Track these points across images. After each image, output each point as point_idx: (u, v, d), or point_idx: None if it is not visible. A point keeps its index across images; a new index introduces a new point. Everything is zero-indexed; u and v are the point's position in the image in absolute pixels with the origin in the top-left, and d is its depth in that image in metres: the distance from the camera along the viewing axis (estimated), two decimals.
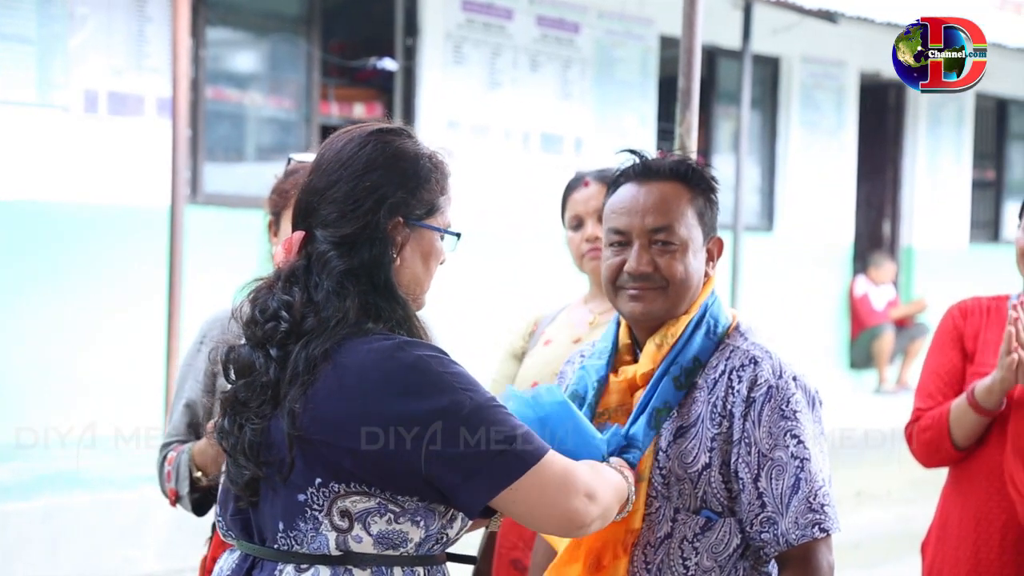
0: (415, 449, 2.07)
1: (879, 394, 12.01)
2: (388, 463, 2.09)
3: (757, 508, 2.42)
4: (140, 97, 7.83)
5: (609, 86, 10.28)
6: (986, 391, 3.35)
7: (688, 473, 2.44)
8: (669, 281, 2.47)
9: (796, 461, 2.40)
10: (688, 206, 2.49)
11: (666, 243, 2.48)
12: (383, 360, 2.10)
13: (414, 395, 2.08)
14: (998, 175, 14.28)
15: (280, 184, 3.16)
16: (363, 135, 2.27)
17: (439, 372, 2.10)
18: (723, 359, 2.48)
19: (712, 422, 2.44)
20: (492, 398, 2.13)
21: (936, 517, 3.59)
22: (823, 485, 2.42)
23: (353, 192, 2.19)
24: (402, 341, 2.12)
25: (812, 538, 2.39)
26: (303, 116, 8.90)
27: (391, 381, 2.09)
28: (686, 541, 2.45)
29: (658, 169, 2.53)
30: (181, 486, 3.13)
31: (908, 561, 2.60)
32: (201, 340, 3.21)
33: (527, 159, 9.70)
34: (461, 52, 9.39)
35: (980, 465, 3.45)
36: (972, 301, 3.60)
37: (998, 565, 3.41)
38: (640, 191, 2.51)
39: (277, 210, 3.16)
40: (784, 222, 11.92)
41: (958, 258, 13.39)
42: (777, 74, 11.87)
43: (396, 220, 2.20)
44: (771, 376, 2.44)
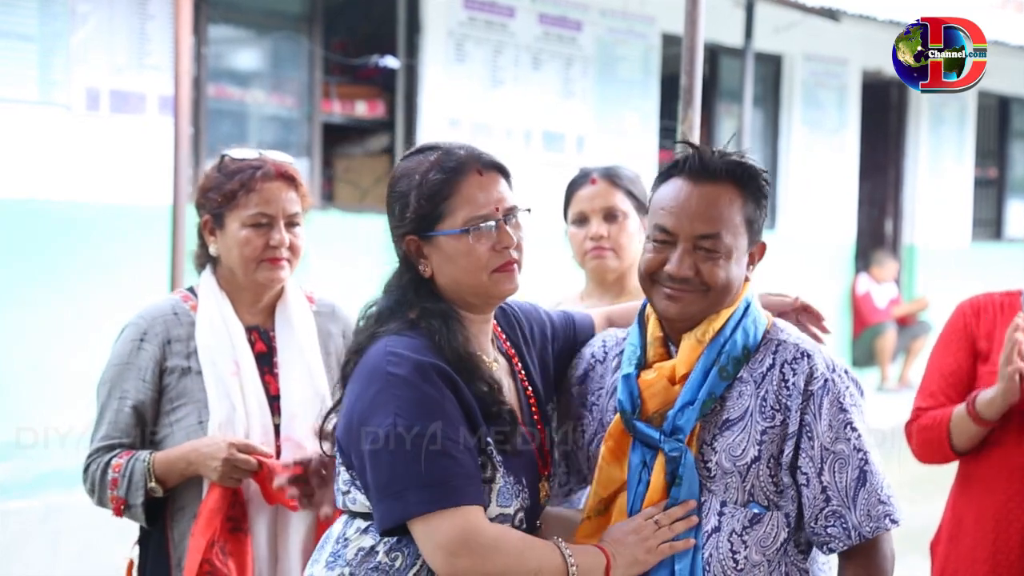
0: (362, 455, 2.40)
1: (881, 392, 12.00)
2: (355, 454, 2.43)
3: (822, 502, 2.41)
4: (142, 95, 7.83)
5: (611, 84, 10.27)
6: (987, 403, 3.31)
7: (737, 466, 2.42)
8: (710, 287, 2.45)
9: (859, 454, 2.42)
10: (738, 213, 2.46)
11: (711, 250, 2.45)
12: (367, 369, 2.41)
13: (375, 409, 2.36)
14: (1000, 173, 14.27)
15: (227, 185, 3.09)
16: (393, 172, 2.58)
17: (395, 395, 2.35)
18: (769, 352, 2.47)
19: (762, 415, 2.43)
20: (422, 434, 2.32)
21: (947, 516, 3.54)
22: (885, 476, 2.44)
23: (391, 218, 2.53)
24: (391, 354, 2.38)
25: (885, 529, 2.42)
26: (305, 114, 8.90)
27: (364, 388, 2.39)
28: (735, 534, 2.43)
29: (714, 169, 2.47)
30: (133, 495, 3.03)
31: (910, 559, 2.58)
32: (141, 337, 3.12)
33: (529, 157, 9.69)
34: (463, 50, 9.38)
35: (999, 466, 3.40)
36: (984, 298, 3.53)
37: (1018, 567, 3.35)
38: (693, 192, 2.46)
39: (220, 210, 3.11)
40: (786, 220, 11.91)
41: (960, 256, 13.37)
42: (779, 72, 11.86)
43: (410, 237, 2.49)
44: (826, 369, 2.45)
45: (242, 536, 3.06)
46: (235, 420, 3.05)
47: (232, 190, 3.08)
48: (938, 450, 3.46)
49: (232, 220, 3.09)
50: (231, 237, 3.11)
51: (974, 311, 3.51)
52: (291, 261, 3.15)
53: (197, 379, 3.09)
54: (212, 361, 3.09)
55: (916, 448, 3.53)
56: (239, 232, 3.10)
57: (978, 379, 3.44)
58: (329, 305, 3.30)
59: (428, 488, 2.32)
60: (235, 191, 3.08)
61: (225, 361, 3.09)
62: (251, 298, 3.18)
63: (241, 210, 3.09)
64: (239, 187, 3.08)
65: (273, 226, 3.10)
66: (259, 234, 3.09)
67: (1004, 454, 3.39)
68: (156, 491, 3.03)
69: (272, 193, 3.10)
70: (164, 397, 3.11)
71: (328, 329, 3.25)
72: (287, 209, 3.12)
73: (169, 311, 3.18)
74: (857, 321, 12.37)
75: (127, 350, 3.12)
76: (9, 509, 5.98)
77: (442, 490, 2.32)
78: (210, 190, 3.13)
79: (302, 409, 3.10)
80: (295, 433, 3.09)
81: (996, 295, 3.52)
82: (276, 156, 3.22)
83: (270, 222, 3.09)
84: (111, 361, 3.15)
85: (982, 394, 3.33)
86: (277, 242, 3.10)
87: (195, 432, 3.07)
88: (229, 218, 3.10)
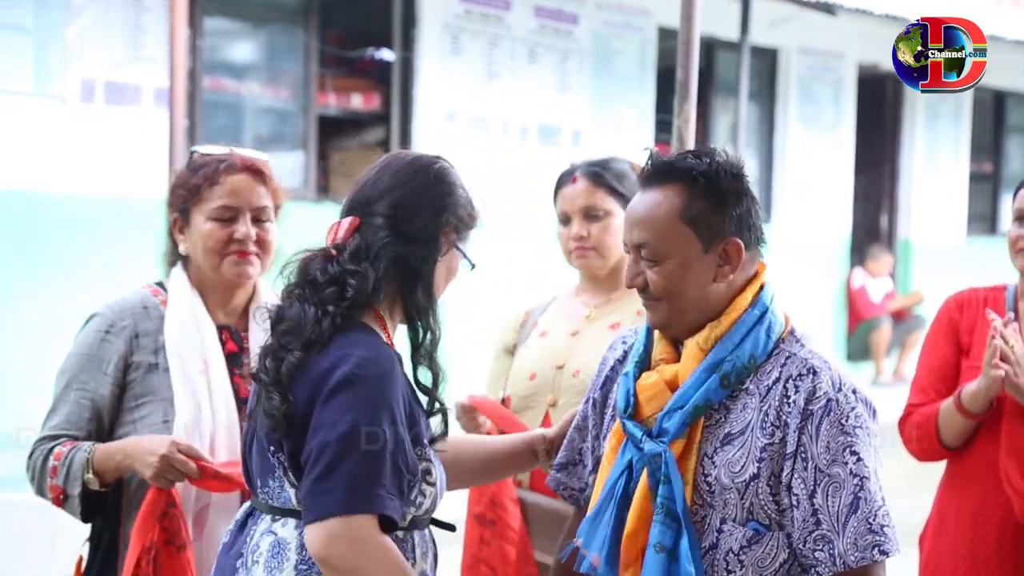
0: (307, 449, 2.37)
1: (876, 386, 12.02)
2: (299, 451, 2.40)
3: (812, 525, 2.32)
4: (137, 87, 7.82)
5: (607, 78, 10.27)
6: (972, 396, 3.35)
7: (735, 483, 2.35)
8: (659, 296, 2.41)
9: (855, 479, 2.32)
10: (676, 215, 2.38)
11: (648, 258, 2.41)
12: (331, 366, 2.36)
13: (332, 406, 2.34)
14: (996, 168, 14.28)
15: (191, 180, 3.02)
16: (430, 156, 2.59)
17: (359, 395, 2.34)
18: (778, 365, 2.39)
19: (763, 431, 2.35)
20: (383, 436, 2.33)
21: (933, 511, 3.59)
22: (883, 504, 2.34)
23: (420, 195, 2.49)
24: (359, 358, 2.35)
25: (871, 560, 2.31)
26: (301, 106, 8.89)
27: (326, 385, 2.36)
28: (731, 553, 2.36)
29: (661, 173, 2.42)
30: (72, 485, 2.90)
31: (905, 554, 2.59)
32: (107, 328, 3.00)
33: (525, 151, 9.69)
34: (459, 43, 9.37)
35: (977, 461, 3.44)
36: (969, 292, 3.58)
37: (996, 561, 3.40)
38: (639, 200, 2.44)
39: (186, 206, 3.03)
40: (782, 214, 11.91)
41: (955, 251, 13.38)
42: (775, 66, 11.86)
43: (450, 230, 2.52)
44: (831, 388, 2.35)
45: (175, 552, 2.86)
46: (201, 420, 2.92)
47: (196, 184, 3.01)
48: (929, 446, 3.49)
49: (197, 215, 3.01)
50: (196, 232, 3.02)
51: (958, 306, 3.55)
52: (260, 257, 3.02)
53: (164, 376, 2.97)
54: (180, 358, 2.97)
55: (909, 445, 3.56)
56: (203, 226, 3.00)
57: (961, 372, 3.47)
58: None
59: (356, 489, 2.32)
60: (199, 185, 3.00)
61: (193, 359, 2.97)
62: (222, 297, 3.08)
63: (205, 204, 3.00)
64: (203, 181, 3.00)
65: (238, 219, 3.00)
66: (222, 227, 2.99)
67: (983, 449, 3.42)
68: (92, 483, 2.88)
69: (236, 185, 3.01)
70: (127, 393, 2.99)
71: None
72: (253, 202, 3.01)
73: (139, 304, 3.06)
74: (852, 315, 12.38)
75: (91, 340, 2.99)
76: (7, 501, 5.97)
77: (370, 494, 2.33)
78: (178, 187, 3.05)
79: None
80: None
81: (981, 290, 3.56)
82: (247, 152, 3.12)
83: (234, 215, 3.00)
84: (73, 351, 3.01)
85: (967, 387, 3.37)
86: (242, 235, 2.99)
87: (159, 431, 2.92)
88: (194, 213, 3.01)
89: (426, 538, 2.54)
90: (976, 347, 3.45)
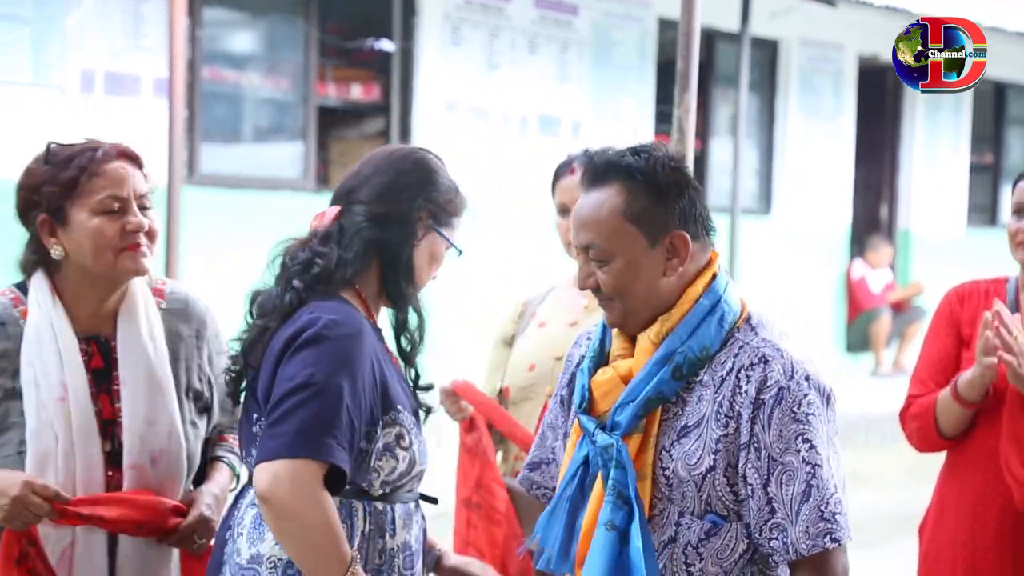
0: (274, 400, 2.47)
1: (875, 377, 12.02)
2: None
3: (767, 514, 2.32)
4: (136, 77, 7.81)
5: (607, 69, 10.26)
6: (968, 385, 3.36)
7: (692, 476, 2.35)
8: (611, 295, 2.41)
9: (807, 467, 2.30)
10: (617, 213, 2.39)
11: (596, 259, 2.41)
12: (299, 328, 2.49)
13: (295, 360, 2.46)
14: (996, 159, 14.27)
15: (62, 174, 2.71)
16: (412, 147, 2.76)
17: (321, 351, 2.45)
18: (731, 355, 2.38)
19: (717, 423, 2.34)
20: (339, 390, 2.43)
21: (933, 500, 3.60)
22: (835, 492, 2.32)
23: (395, 182, 2.62)
24: (326, 320, 2.47)
25: (823, 548, 2.30)
26: (300, 97, 8.88)
27: (293, 344, 2.48)
28: (690, 546, 2.37)
29: (599, 172, 2.44)
30: None
31: (905, 543, 2.61)
32: None
33: (525, 141, 9.68)
34: (459, 33, 9.36)
35: (977, 450, 3.45)
36: (970, 285, 3.59)
37: (995, 550, 3.41)
38: (583, 201, 2.45)
39: (60, 203, 2.71)
40: (782, 205, 11.91)
41: (955, 242, 13.38)
42: (775, 57, 11.85)
43: (423, 214, 2.63)
44: (782, 376, 2.33)
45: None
46: (58, 453, 2.66)
47: (72, 177, 2.69)
48: (928, 437, 3.50)
49: (77, 211, 2.69)
50: (79, 230, 2.70)
51: (959, 298, 3.56)
52: (149, 248, 2.78)
53: (21, 403, 2.69)
54: (35, 383, 2.67)
55: (909, 436, 3.57)
56: (89, 221, 2.70)
57: (962, 364, 3.48)
58: (182, 299, 2.89)
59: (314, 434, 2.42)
60: (76, 177, 2.69)
61: (51, 384, 2.67)
62: (94, 303, 2.77)
63: (87, 197, 2.69)
64: (79, 173, 2.69)
65: (127, 210, 2.71)
66: (112, 220, 2.70)
67: (983, 439, 3.43)
68: None
69: (118, 174, 2.72)
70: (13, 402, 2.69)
71: (178, 330, 2.84)
72: (137, 190, 2.74)
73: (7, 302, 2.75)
74: (852, 306, 12.38)
75: None
76: None
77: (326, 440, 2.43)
78: (42, 184, 2.72)
79: (149, 430, 2.72)
80: (139, 458, 2.70)
81: (982, 282, 3.57)
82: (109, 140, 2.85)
83: (123, 206, 2.71)
84: None
85: (963, 376, 3.38)
86: (135, 226, 2.71)
87: (13, 463, 2.66)
88: (73, 209, 2.70)
89: (410, 511, 2.62)
90: (977, 339, 3.46)
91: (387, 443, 2.54)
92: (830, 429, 2.36)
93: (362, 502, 2.54)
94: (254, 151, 8.97)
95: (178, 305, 2.87)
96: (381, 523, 2.55)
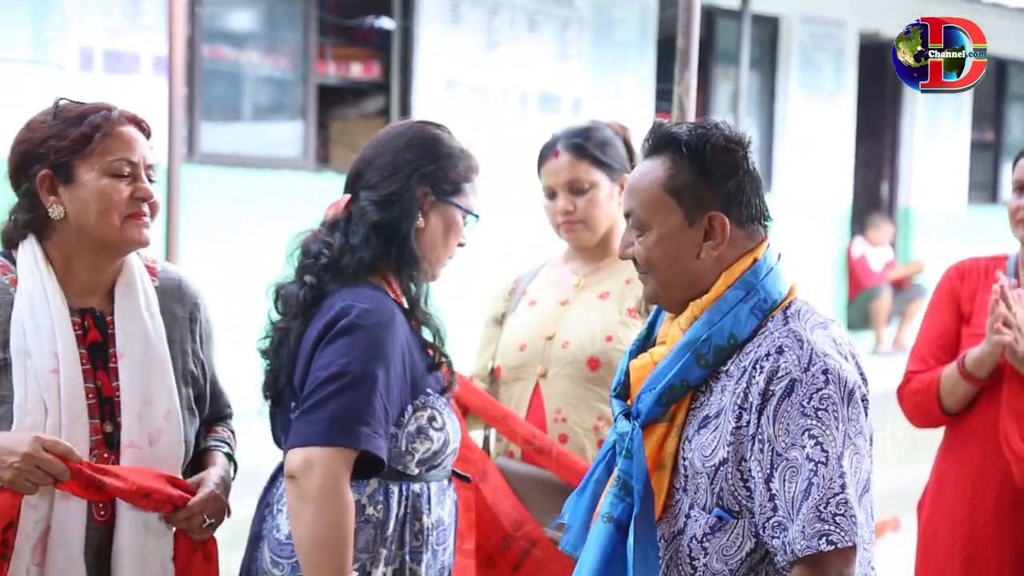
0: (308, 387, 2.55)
1: (876, 355, 12.03)
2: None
3: (769, 511, 2.22)
4: (136, 55, 7.79)
5: (607, 46, 10.24)
6: (976, 362, 3.36)
7: (705, 467, 2.27)
8: (644, 268, 2.38)
9: (811, 464, 2.18)
10: (659, 185, 2.34)
11: (634, 228, 2.38)
12: (334, 317, 2.56)
13: (330, 349, 2.53)
14: (997, 136, 14.26)
15: (73, 130, 2.56)
16: (411, 122, 2.78)
17: (355, 340, 2.53)
18: (756, 345, 2.30)
19: (733, 414, 2.26)
20: (373, 379, 2.51)
21: (932, 477, 3.61)
22: (840, 493, 2.18)
23: (393, 161, 2.66)
24: (360, 309, 2.55)
25: (816, 550, 2.16)
26: (300, 75, 8.86)
27: (328, 333, 2.55)
28: (695, 540, 2.30)
29: (655, 144, 2.39)
30: None
31: (904, 521, 2.61)
32: None
33: (525, 119, 9.67)
34: (459, 11, 9.34)
35: (975, 426, 3.46)
36: (970, 262, 3.59)
37: (994, 525, 3.42)
38: (636, 169, 2.41)
39: (67, 159, 2.56)
40: (782, 183, 11.90)
41: (956, 219, 13.38)
42: (776, 34, 11.82)
43: (425, 189, 2.65)
44: (795, 368, 2.23)
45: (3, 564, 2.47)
46: (46, 428, 2.48)
47: (84, 134, 2.55)
48: (929, 412, 3.51)
49: (87, 169, 2.54)
50: (86, 188, 2.55)
51: (959, 275, 3.57)
52: (151, 220, 2.64)
53: (7, 371, 2.51)
54: (27, 354, 2.50)
55: (908, 412, 3.57)
56: (98, 181, 2.55)
57: (962, 340, 3.49)
58: (175, 278, 2.75)
59: (347, 425, 2.51)
60: (88, 135, 2.55)
61: (43, 355, 2.50)
62: (87, 273, 2.61)
63: (98, 157, 2.55)
64: (92, 130, 2.55)
65: (137, 176, 2.57)
66: (122, 184, 2.56)
67: (982, 415, 3.44)
68: None
69: (131, 138, 2.59)
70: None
71: (172, 310, 2.69)
72: (146, 159, 2.60)
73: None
74: (852, 284, 12.38)
75: None
76: None
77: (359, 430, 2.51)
78: (48, 138, 2.57)
79: (147, 409, 2.58)
80: (137, 437, 2.56)
81: (982, 259, 3.58)
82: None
83: (133, 172, 2.57)
84: None
85: (971, 352, 3.38)
86: (144, 193, 2.57)
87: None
88: (82, 168, 2.55)
89: (444, 487, 2.70)
90: (977, 315, 3.47)
91: (420, 426, 2.61)
92: (851, 428, 2.23)
93: (398, 484, 2.60)
94: (254, 130, 8.96)
95: (171, 284, 2.72)
96: (418, 504, 2.62)
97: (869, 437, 2.29)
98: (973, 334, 3.45)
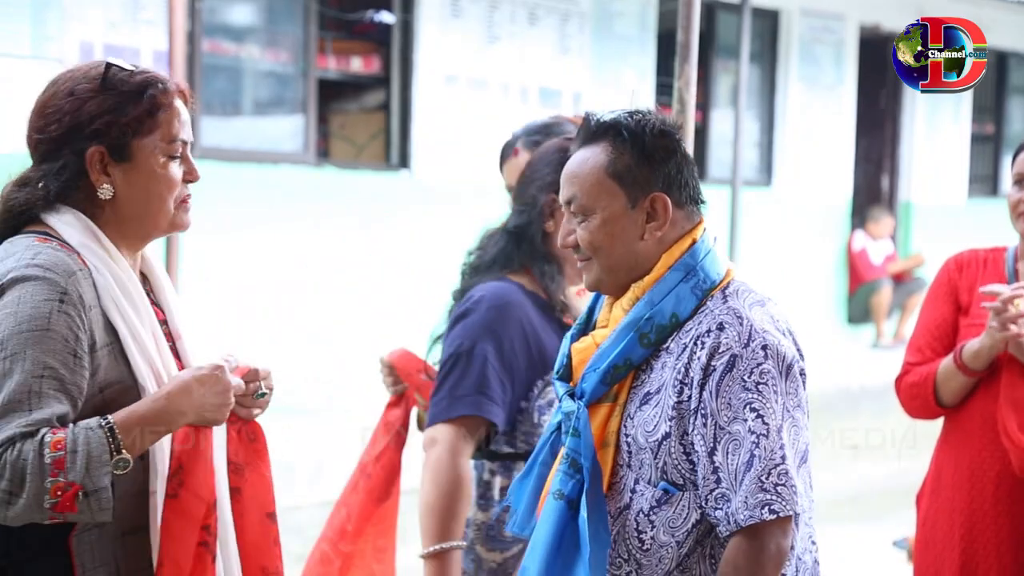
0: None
1: (876, 348, 12.03)
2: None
3: (712, 483, 2.29)
4: (136, 50, 7.79)
5: (608, 40, 10.23)
6: (974, 354, 3.37)
7: (649, 443, 2.34)
8: (588, 254, 2.43)
9: (752, 436, 2.26)
10: (600, 171, 2.41)
11: (576, 214, 2.44)
12: (460, 306, 3.00)
13: (450, 335, 2.99)
14: (997, 129, 14.25)
15: (128, 104, 2.34)
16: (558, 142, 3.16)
17: (468, 322, 2.93)
18: (696, 323, 2.36)
19: (674, 389, 2.33)
20: (483, 352, 2.89)
21: (931, 468, 3.63)
22: (781, 464, 2.25)
23: (531, 176, 3.11)
24: (476, 297, 2.95)
25: (760, 520, 2.24)
26: (300, 70, 8.86)
27: (453, 322, 3.00)
28: (642, 514, 2.35)
29: (591, 131, 2.46)
30: (95, 475, 2.14)
31: (904, 514, 2.61)
32: (60, 298, 2.23)
33: (525, 113, 9.66)
34: (459, 5, 9.33)
35: (973, 416, 3.47)
36: (969, 253, 3.61)
37: (992, 515, 3.44)
38: (572, 158, 2.47)
39: (124, 137, 2.34)
40: (783, 177, 11.90)
41: (956, 213, 13.38)
42: (776, 28, 11.81)
43: (552, 196, 2.99)
44: (735, 344, 2.30)
45: (210, 562, 2.35)
46: None
47: (147, 111, 2.34)
48: (925, 405, 3.52)
49: (144, 149, 2.33)
50: (145, 171, 2.35)
51: (958, 266, 3.59)
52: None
53: (120, 356, 2.31)
54: (133, 333, 2.32)
55: (905, 403, 3.59)
56: (160, 163, 2.36)
57: (960, 332, 3.50)
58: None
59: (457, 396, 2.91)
60: (151, 112, 2.34)
61: (146, 332, 2.34)
62: (128, 255, 2.41)
63: (155, 135, 2.35)
64: (154, 108, 2.34)
65: (186, 157, 2.40)
66: (177, 165, 2.39)
67: (980, 406, 3.46)
68: (125, 463, 2.18)
69: (184, 115, 2.40)
70: (91, 369, 2.27)
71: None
72: (191, 136, 2.44)
73: (72, 266, 2.28)
74: (853, 278, 12.38)
75: (44, 312, 2.20)
76: None
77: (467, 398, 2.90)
78: (104, 113, 2.33)
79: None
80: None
81: (981, 251, 3.60)
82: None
83: (184, 153, 2.40)
84: (17, 327, 2.20)
85: (968, 345, 3.40)
86: (194, 176, 2.42)
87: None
88: (139, 147, 2.34)
89: None
90: (975, 306, 3.48)
91: (550, 400, 2.89)
92: (789, 401, 2.31)
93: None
94: (254, 124, 8.95)
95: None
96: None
97: (806, 410, 2.37)
98: (971, 324, 3.46)
